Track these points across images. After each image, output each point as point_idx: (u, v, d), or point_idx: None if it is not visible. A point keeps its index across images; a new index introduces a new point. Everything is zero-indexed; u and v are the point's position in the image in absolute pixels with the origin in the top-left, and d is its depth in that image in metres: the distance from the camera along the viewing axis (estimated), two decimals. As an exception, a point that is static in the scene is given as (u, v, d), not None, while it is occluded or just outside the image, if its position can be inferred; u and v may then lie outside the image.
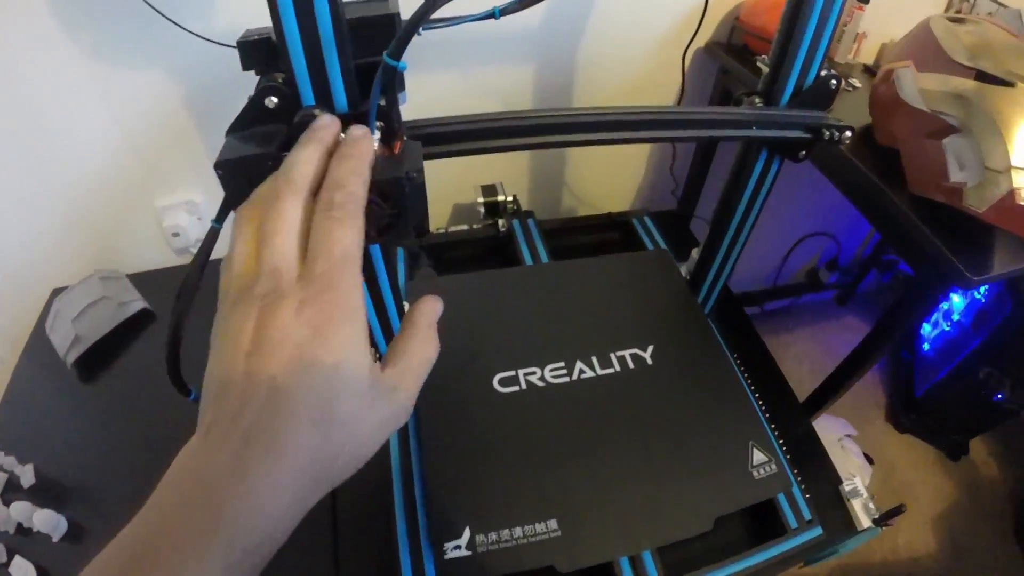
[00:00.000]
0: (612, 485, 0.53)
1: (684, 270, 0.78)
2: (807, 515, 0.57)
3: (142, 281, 0.79)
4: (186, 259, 0.90)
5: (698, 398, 0.61)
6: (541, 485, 0.52)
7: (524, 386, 0.58)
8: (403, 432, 0.59)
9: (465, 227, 0.87)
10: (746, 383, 0.67)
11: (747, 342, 0.77)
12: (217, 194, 0.30)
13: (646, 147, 1.04)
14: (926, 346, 1.43)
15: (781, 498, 0.57)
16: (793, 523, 0.56)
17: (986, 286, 1.26)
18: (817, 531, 0.56)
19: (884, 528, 0.60)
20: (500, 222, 0.84)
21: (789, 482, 0.55)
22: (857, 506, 0.60)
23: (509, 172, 0.95)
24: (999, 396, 1.19)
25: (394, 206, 0.29)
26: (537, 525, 0.49)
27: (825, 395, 0.81)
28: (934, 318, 1.43)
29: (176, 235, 0.84)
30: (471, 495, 0.51)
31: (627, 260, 0.76)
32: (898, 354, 1.51)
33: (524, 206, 0.89)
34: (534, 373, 0.59)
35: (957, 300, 1.35)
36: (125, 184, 0.78)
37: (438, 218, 0.99)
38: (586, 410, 0.58)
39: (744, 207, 0.61)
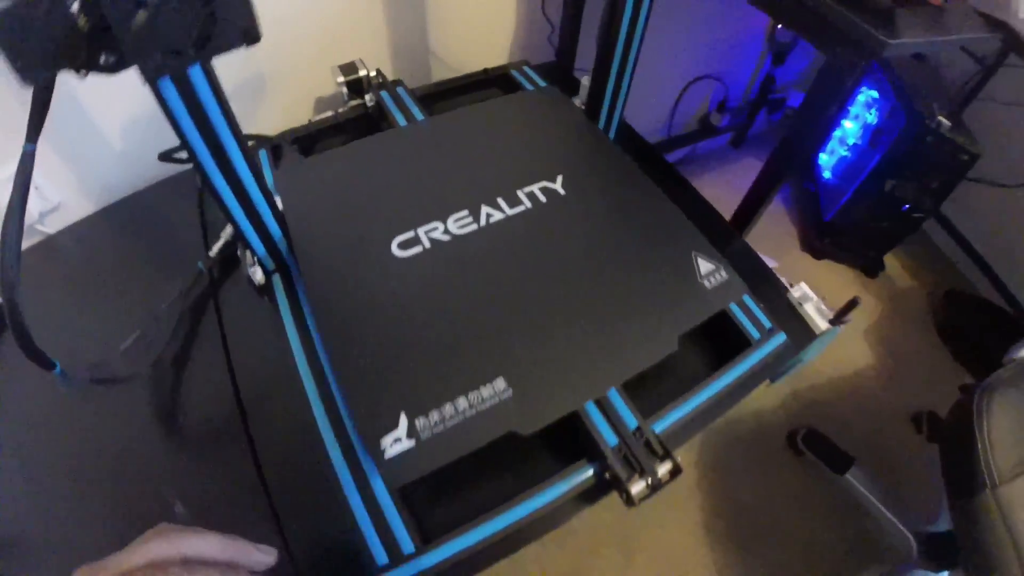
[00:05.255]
0: (555, 328, 0.44)
1: (578, 102, 0.70)
2: (767, 323, 0.53)
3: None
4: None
5: (624, 219, 0.53)
6: (474, 346, 0.43)
7: (428, 244, 0.50)
8: (309, 344, 0.49)
9: (330, 113, 0.73)
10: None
11: (658, 169, 0.71)
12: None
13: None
14: (827, 174, 1.46)
15: (737, 312, 0.52)
16: (755, 334, 0.52)
17: (876, 108, 1.28)
18: (781, 337, 0.52)
19: (840, 326, 0.58)
20: (368, 97, 0.71)
21: (742, 287, 0.50)
22: (810, 309, 0.57)
23: (367, 46, 0.79)
24: (905, 207, 1.24)
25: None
26: (483, 390, 0.41)
27: (739, 225, 0.79)
28: (829, 147, 1.46)
29: None
30: (394, 378, 0.41)
31: (515, 100, 0.66)
32: (801, 187, 1.54)
33: (390, 77, 0.76)
34: (436, 228, 0.51)
35: (851, 126, 1.38)
36: None
37: (301, 114, 0.82)
38: (503, 255, 0.49)
39: (627, 27, 0.53)
